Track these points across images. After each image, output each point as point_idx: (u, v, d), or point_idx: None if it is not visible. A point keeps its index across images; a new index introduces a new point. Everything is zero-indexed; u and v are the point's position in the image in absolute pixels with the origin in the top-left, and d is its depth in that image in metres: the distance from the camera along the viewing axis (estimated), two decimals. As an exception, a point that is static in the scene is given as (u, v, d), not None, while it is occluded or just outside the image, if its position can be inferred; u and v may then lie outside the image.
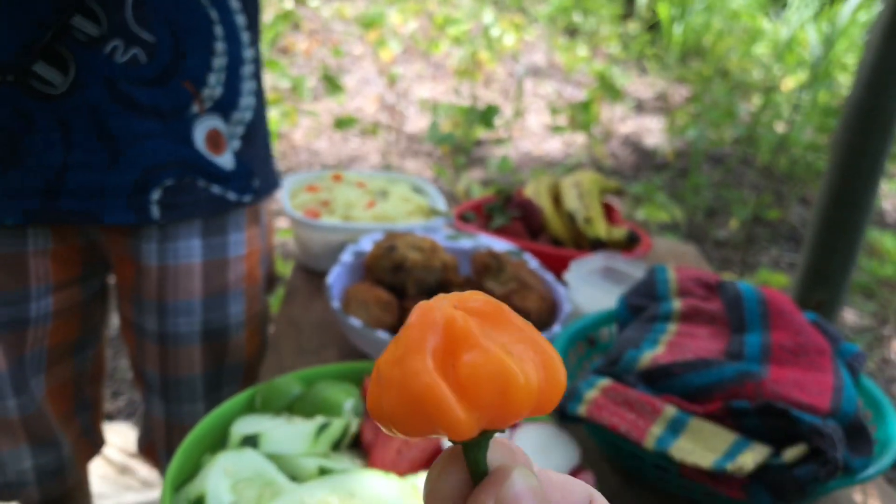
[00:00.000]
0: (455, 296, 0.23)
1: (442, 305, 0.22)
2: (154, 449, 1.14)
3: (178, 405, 1.05)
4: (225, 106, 0.95)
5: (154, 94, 0.89)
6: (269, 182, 1.06)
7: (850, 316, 2.82)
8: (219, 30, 0.92)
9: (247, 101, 0.98)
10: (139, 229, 0.95)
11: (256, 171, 1.02)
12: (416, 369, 0.20)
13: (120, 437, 1.67)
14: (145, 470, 1.57)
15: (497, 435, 0.23)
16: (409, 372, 0.20)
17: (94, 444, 1.14)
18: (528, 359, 0.21)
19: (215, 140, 0.95)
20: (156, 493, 1.52)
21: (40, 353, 0.99)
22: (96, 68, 0.85)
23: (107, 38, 0.84)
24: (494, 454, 0.24)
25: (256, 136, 1.02)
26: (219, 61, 0.93)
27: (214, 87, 0.93)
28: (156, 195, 0.92)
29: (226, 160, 0.97)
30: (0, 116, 0.84)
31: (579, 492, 0.25)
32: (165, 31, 0.87)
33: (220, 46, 0.93)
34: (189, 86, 0.91)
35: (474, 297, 0.22)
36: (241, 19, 0.95)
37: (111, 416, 1.82)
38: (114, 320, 2.01)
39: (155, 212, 0.92)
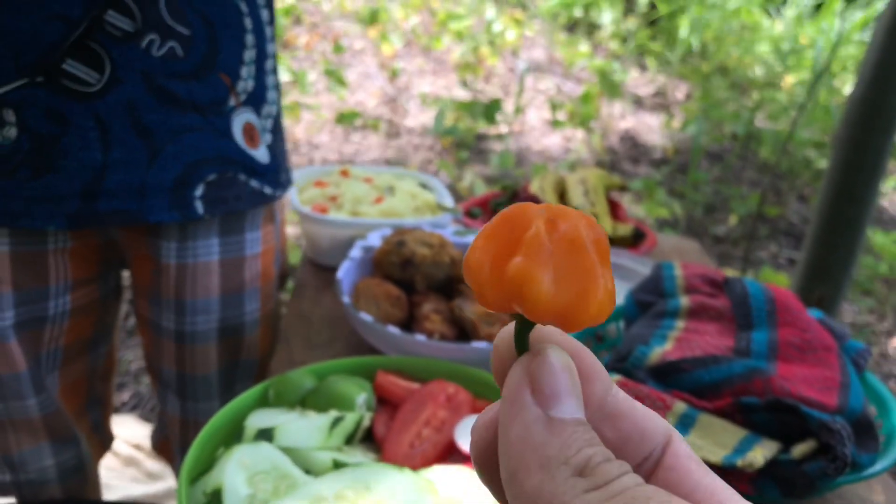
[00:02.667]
0: (553, 211, 0.25)
1: (531, 213, 0.25)
2: (168, 445, 1.14)
3: (194, 403, 1.05)
4: (256, 99, 0.95)
5: (192, 87, 0.88)
6: (290, 176, 1.07)
7: (848, 312, 2.84)
8: (248, 22, 0.92)
9: (272, 94, 0.98)
10: (160, 227, 0.94)
11: (282, 165, 1.02)
12: (473, 246, 0.26)
13: (125, 428, 1.67)
14: (151, 462, 1.58)
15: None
16: (471, 246, 0.26)
17: (105, 440, 1.15)
18: (569, 280, 0.24)
19: (250, 133, 0.95)
20: (162, 485, 1.52)
21: (56, 352, 0.98)
22: (133, 63, 0.83)
23: (142, 32, 0.83)
24: (545, 338, 0.26)
25: (280, 130, 1.02)
26: (249, 54, 0.93)
27: (247, 79, 0.93)
28: (199, 191, 0.91)
29: (261, 154, 0.97)
30: (32, 119, 0.82)
31: (659, 427, 0.27)
32: (200, 23, 0.86)
33: (249, 39, 0.92)
34: (225, 78, 0.90)
35: (567, 220, 0.25)
36: (265, 14, 0.95)
37: (116, 409, 1.82)
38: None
39: (199, 208, 0.91)
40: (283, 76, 3.60)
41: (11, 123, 0.82)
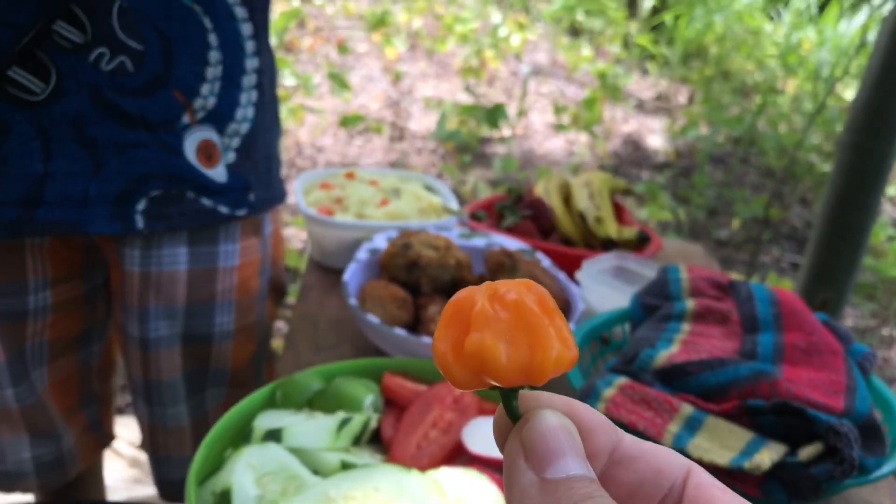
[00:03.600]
0: (494, 286, 0.28)
1: (475, 294, 0.28)
2: None
3: (161, 408, 1.04)
4: (219, 117, 0.93)
5: (141, 103, 0.86)
6: (271, 195, 1.04)
7: (850, 316, 2.84)
8: (213, 38, 0.90)
9: (245, 112, 0.95)
10: (124, 235, 0.93)
11: (253, 185, 0.99)
12: (435, 337, 0.28)
13: (129, 430, 1.68)
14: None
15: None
16: (434, 337, 0.28)
17: (102, 437, 1.14)
18: (520, 339, 0.27)
19: (208, 152, 0.93)
20: (165, 488, 1.52)
21: (41, 346, 0.98)
22: (80, 76, 0.82)
23: (91, 45, 0.81)
24: (535, 403, 0.28)
25: (255, 149, 0.99)
26: (213, 71, 0.91)
27: (207, 97, 0.91)
28: (140, 205, 0.90)
29: (218, 173, 0.94)
30: None
31: (675, 462, 0.28)
32: (154, 39, 0.85)
33: (214, 56, 0.90)
34: (179, 96, 0.88)
35: (507, 287, 0.27)
36: (246, 28, 0.93)
37: (120, 410, 1.82)
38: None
39: (139, 222, 0.90)
40: (288, 79, 3.61)
41: None
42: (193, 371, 1.03)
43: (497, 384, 0.27)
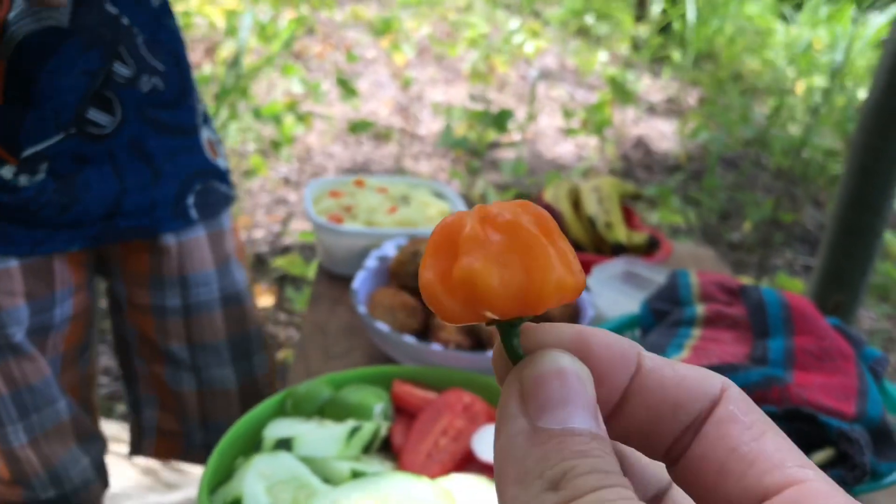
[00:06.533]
0: (485, 208, 0.25)
1: (464, 217, 0.25)
2: (166, 444, 1.18)
3: (207, 371, 1.12)
4: (207, 118, 1.11)
5: (175, 114, 1.02)
6: None
7: (865, 318, 2.82)
8: (187, 53, 1.06)
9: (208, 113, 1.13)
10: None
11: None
12: (422, 266, 0.25)
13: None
14: (168, 472, 1.59)
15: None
16: (420, 267, 0.25)
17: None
18: (514, 261, 0.24)
19: (213, 147, 1.10)
20: (179, 495, 1.53)
21: (56, 360, 1.03)
22: (133, 103, 0.96)
23: (138, 75, 0.95)
24: (540, 341, 0.25)
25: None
26: (193, 82, 1.07)
27: (199, 101, 1.08)
28: (191, 200, 1.05)
29: (222, 162, 1.11)
30: (59, 166, 0.93)
31: (701, 390, 0.24)
32: (170, 59, 1.00)
33: (190, 70, 1.06)
34: (193, 103, 1.05)
35: (498, 208, 0.25)
36: None
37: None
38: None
39: (193, 214, 1.06)
40: (296, 86, 3.62)
41: (43, 171, 0.92)
42: (235, 332, 1.12)
43: (491, 314, 0.24)
